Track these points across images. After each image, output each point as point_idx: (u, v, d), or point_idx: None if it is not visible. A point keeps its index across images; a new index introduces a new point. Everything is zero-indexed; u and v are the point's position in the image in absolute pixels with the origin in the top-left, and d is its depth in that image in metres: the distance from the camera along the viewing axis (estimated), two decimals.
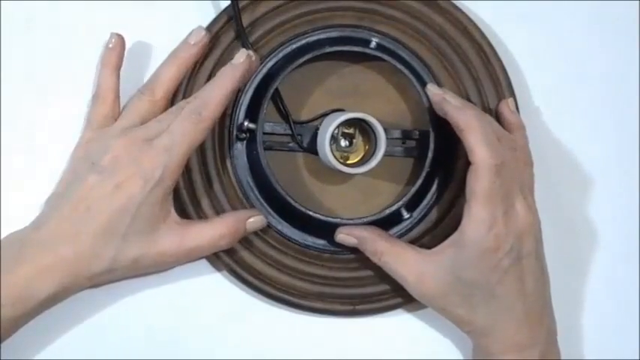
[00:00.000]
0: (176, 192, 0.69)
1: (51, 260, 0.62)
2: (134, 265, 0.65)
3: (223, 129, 0.71)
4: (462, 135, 0.66)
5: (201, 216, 0.70)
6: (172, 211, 0.67)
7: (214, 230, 0.67)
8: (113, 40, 0.68)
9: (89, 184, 0.64)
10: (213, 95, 0.65)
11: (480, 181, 0.65)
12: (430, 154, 0.70)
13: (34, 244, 0.63)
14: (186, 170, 0.69)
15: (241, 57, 0.66)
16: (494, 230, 0.65)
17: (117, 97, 0.68)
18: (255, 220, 0.69)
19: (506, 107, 0.72)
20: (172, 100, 0.69)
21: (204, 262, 0.71)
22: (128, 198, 0.63)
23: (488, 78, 0.73)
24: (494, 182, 0.65)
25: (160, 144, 0.64)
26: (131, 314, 0.70)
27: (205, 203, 0.70)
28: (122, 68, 0.69)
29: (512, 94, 0.73)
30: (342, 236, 0.70)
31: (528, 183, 0.69)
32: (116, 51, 0.68)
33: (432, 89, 0.69)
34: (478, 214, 0.65)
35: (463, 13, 0.73)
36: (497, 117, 0.72)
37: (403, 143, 0.73)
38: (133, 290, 0.70)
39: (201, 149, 0.70)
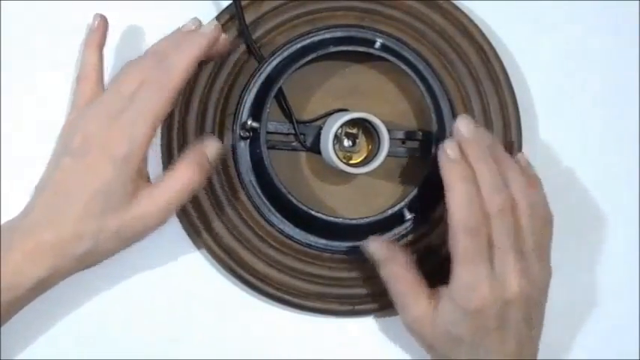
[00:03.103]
0: None
1: (35, 245, 0.62)
2: (117, 236, 0.63)
3: (223, 129, 0.70)
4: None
5: (203, 216, 0.69)
6: (145, 179, 0.65)
7: (181, 173, 0.64)
8: (96, 22, 0.68)
9: (64, 168, 0.63)
10: (177, 65, 0.63)
11: (454, 242, 0.65)
12: (433, 155, 0.70)
13: (20, 231, 0.63)
14: None
15: (210, 26, 0.65)
16: (478, 293, 0.64)
17: (100, 75, 0.67)
18: (210, 146, 0.66)
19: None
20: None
21: (202, 260, 0.70)
22: (99, 179, 0.62)
23: (488, 78, 0.74)
24: (470, 244, 0.64)
25: (124, 118, 0.63)
26: (129, 313, 0.70)
27: (205, 200, 0.69)
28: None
29: (512, 94, 0.73)
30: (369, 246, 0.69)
31: (541, 243, 0.67)
32: (99, 31, 0.68)
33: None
34: (459, 275, 0.65)
35: (463, 13, 0.74)
36: None
37: (403, 144, 0.73)
38: (128, 287, 0.70)
39: None
